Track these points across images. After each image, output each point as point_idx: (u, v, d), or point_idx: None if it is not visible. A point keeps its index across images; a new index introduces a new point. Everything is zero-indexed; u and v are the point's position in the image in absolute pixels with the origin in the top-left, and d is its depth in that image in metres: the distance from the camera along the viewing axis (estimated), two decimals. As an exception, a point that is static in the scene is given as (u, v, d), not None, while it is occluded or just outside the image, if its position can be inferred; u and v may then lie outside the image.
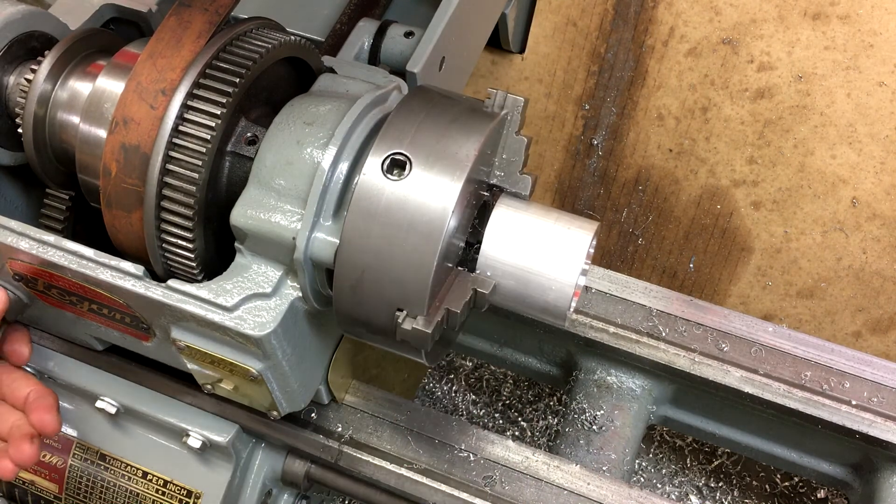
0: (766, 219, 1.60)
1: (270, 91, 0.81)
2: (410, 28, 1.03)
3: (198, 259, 0.77)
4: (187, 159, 0.73)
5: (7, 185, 0.92)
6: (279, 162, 0.73)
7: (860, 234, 1.55)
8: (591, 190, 1.72)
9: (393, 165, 0.68)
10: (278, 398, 0.81)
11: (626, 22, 1.53)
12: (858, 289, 1.60)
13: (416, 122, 0.70)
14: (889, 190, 1.49)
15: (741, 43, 1.47)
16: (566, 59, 1.61)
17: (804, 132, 1.50)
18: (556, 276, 0.70)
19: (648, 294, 1.09)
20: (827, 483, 1.21)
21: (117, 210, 0.76)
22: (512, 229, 0.72)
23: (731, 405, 1.07)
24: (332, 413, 0.99)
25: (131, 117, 0.74)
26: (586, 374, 1.11)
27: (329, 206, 0.72)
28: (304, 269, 0.73)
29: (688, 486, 1.58)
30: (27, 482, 1.01)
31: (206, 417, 0.94)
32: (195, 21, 0.76)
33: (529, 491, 0.95)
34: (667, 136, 1.60)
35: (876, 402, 1.02)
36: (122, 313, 0.81)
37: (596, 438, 1.09)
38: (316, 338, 0.83)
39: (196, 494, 0.96)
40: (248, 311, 0.73)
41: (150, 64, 0.75)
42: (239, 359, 0.76)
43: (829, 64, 1.43)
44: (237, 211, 0.73)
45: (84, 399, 0.99)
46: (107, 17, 0.93)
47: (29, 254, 0.78)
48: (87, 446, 0.99)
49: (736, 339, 1.06)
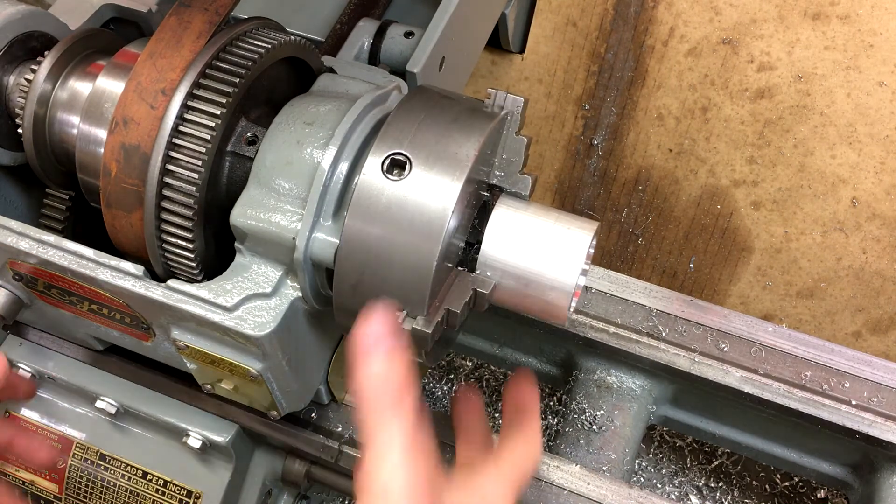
0: (766, 219, 1.60)
1: (270, 91, 0.81)
2: (410, 28, 1.03)
3: (198, 259, 0.77)
4: (187, 159, 0.73)
5: (7, 185, 0.92)
6: (279, 162, 0.73)
7: (860, 234, 1.55)
8: (591, 190, 1.72)
9: (393, 165, 0.68)
10: (278, 398, 0.81)
11: (626, 22, 1.53)
12: (858, 289, 1.60)
13: (416, 122, 0.70)
14: (889, 190, 1.49)
15: (741, 43, 1.47)
16: (566, 59, 1.61)
17: (804, 132, 1.50)
18: (556, 276, 0.70)
19: (648, 294, 1.09)
20: (827, 483, 1.21)
21: (117, 210, 0.76)
22: (512, 229, 0.72)
23: (731, 405, 1.07)
24: (332, 413, 0.99)
25: (131, 117, 0.74)
26: (586, 374, 1.11)
27: (329, 206, 0.72)
28: (304, 269, 0.73)
29: (688, 486, 1.58)
30: (27, 482, 1.01)
31: (206, 417, 0.94)
32: (195, 21, 0.76)
33: (529, 491, 0.95)
34: (667, 136, 1.60)
35: (876, 402, 1.02)
36: (122, 313, 0.81)
37: (596, 438, 1.09)
38: (316, 338, 0.83)
39: (196, 494, 0.96)
40: (248, 311, 0.73)
41: (150, 64, 0.75)
42: (239, 359, 0.76)
43: (829, 64, 1.43)
44: (237, 211, 0.73)
45: (84, 399, 0.99)
46: (107, 17, 0.93)
47: (29, 254, 0.78)
48: (87, 446, 0.99)
49: (736, 339, 1.06)
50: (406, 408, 0.58)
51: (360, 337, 0.58)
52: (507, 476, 0.70)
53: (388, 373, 0.57)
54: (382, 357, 0.57)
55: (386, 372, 0.57)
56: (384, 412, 0.57)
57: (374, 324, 0.58)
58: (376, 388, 0.57)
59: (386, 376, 0.57)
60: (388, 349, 0.57)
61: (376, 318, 0.58)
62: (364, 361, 0.58)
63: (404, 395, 0.57)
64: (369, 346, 0.57)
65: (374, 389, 0.57)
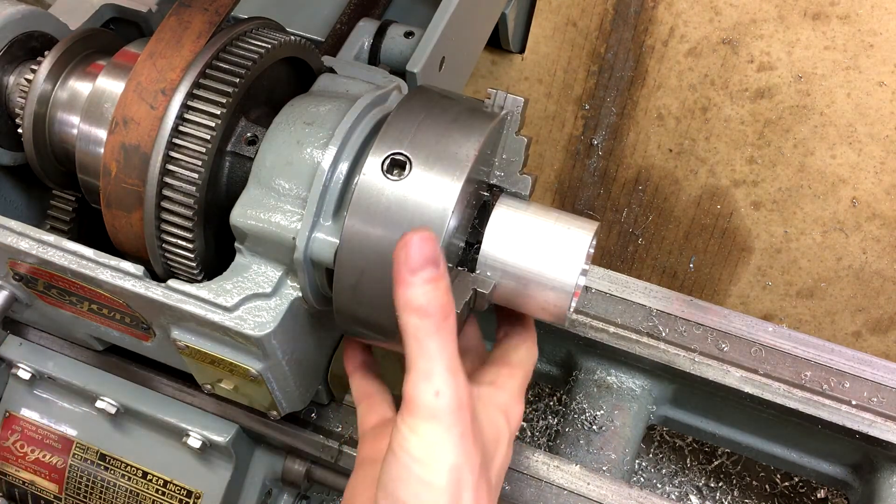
0: (766, 219, 1.60)
1: (270, 91, 0.81)
2: (410, 28, 1.03)
3: (198, 259, 0.77)
4: (187, 159, 0.73)
5: (7, 185, 0.92)
6: (279, 162, 0.73)
7: (860, 234, 1.55)
8: (591, 190, 1.72)
9: (393, 165, 0.68)
10: (278, 398, 0.81)
11: (626, 22, 1.53)
12: (858, 289, 1.60)
13: (416, 122, 0.70)
14: (889, 190, 1.49)
15: (741, 43, 1.47)
16: (566, 59, 1.61)
17: (804, 132, 1.50)
18: (556, 276, 0.70)
19: (648, 294, 1.09)
20: (827, 483, 1.21)
21: (117, 210, 0.76)
22: (512, 229, 0.72)
23: (731, 405, 1.07)
24: (332, 413, 0.99)
25: (131, 117, 0.74)
26: (586, 374, 1.11)
27: (329, 207, 0.72)
28: (304, 269, 0.73)
29: (688, 486, 1.58)
30: (27, 482, 1.01)
31: (206, 417, 0.94)
32: (195, 21, 0.76)
33: (529, 491, 0.95)
34: (667, 136, 1.60)
35: (876, 402, 1.02)
36: (122, 313, 0.81)
37: (596, 438, 1.09)
38: (316, 338, 0.83)
39: (196, 494, 0.96)
40: (248, 311, 0.73)
41: (150, 64, 0.75)
42: (239, 359, 0.76)
43: (829, 64, 1.43)
44: (237, 211, 0.73)
45: (84, 399, 0.99)
46: (107, 17, 0.93)
47: (29, 254, 0.78)
48: (87, 446, 0.99)
49: (736, 339, 1.06)
50: (448, 330, 0.59)
51: (402, 261, 0.59)
52: (521, 382, 0.74)
53: (431, 297, 0.59)
54: (425, 281, 0.59)
55: (429, 296, 0.59)
56: (429, 333, 0.59)
57: (415, 248, 0.59)
58: (421, 310, 0.59)
59: (429, 300, 0.59)
60: (430, 275, 0.59)
61: (417, 242, 0.59)
62: (407, 286, 0.59)
63: (447, 317, 0.59)
64: (412, 271, 0.59)
65: (419, 311, 0.59)
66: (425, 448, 0.59)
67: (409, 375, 0.60)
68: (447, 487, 0.59)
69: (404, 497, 0.59)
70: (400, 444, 0.60)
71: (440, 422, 0.59)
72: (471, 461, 0.60)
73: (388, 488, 0.60)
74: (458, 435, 0.59)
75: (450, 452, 0.59)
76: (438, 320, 0.59)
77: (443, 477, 0.58)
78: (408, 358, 0.60)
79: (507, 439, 0.70)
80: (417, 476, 0.59)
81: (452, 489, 0.59)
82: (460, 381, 0.60)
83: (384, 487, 0.60)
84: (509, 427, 0.71)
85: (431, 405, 0.59)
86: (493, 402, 0.71)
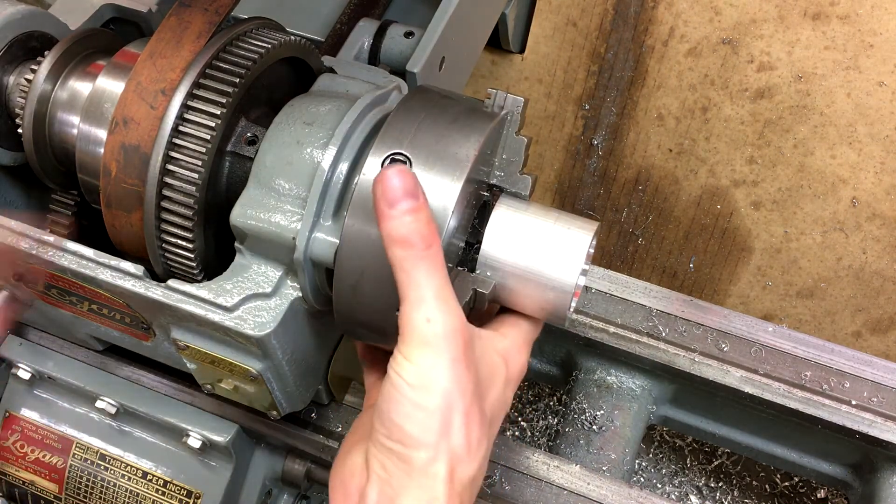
0: (766, 219, 1.60)
1: (270, 91, 0.81)
2: (410, 28, 1.03)
3: (198, 259, 0.77)
4: (187, 159, 0.73)
5: (7, 185, 0.92)
6: (279, 162, 0.73)
7: (860, 234, 1.55)
8: (591, 190, 1.72)
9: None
10: (278, 398, 0.81)
11: (626, 22, 1.53)
12: (858, 289, 1.60)
13: (415, 122, 0.70)
14: (889, 190, 1.49)
15: (741, 43, 1.47)
16: (566, 59, 1.61)
17: (804, 132, 1.50)
18: (556, 276, 0.70)
19: (648, 294, 1.09)
20: (827, 483, 1.21)
21: (117, 210, 0.76)
22: (512, 229, 0.72)
23: (731, 405, 1.07)
24: (332, 413, 0.99)
25: (131, 117, 0.74)
26: (586, 374, 1.11)
27: (329, 207, 0.72)
28: (304, 269, 0.73)
29: (688, 486, 1.58)
30: (27, 482, 1.01)
31: (206, 417, 0.94)
32: (195, 21, 0.76)
33: (529, 491, 0.95)
34: (667, 136, 1.60)
35: (876, 402, 1.02)
36: (122, 313, 0.81)
37: (596, 438, 1.09)
38: (316, 338, 0.83)
39: (196, 494, 0.96)
40: (248, 311, 0.73)
41: (150, 64, 0.75)
42: (239, 359, 0.76)
43: (829, 64, 1.43)
44: (237, 211, 0.73)
45: (84, 399, 0.99)
46: (107, 17, 0.93)
47: (28, 254, 0.78)
48: (87, 446, 0.99)
49: (736, 339, 1.06)
50: (434, 256, 0.61)
51: (380, 195, 0.61)
52: (524, 334, 0.75)
53: (412, 228, 0.60)
54: (404, 213, 0.60)
55: (410, 227, 0.60)
56: (415, 262, 0.61)
57: (392, 181, 0.60)
58: (404, 241, 0.60)
59: (409, 231, 0.60)
60: (409, 206, 0.60)
61: (394, 175, 0.61)
62: (387, 219, 0.61)
63: (430, 246, 0.61)
64: (390, 203, 0.60)
65: (402, 242, 0.60)
66: (418, 373, 0.61)
67: (402, 306, 0.62)
68: (438, 410, 0.61)
69: (398, 419, 0.61)
70: (395, 370, 0.62)
71: (432, 347, 0.61)
72: (462, 386, 0.62)
73: (384, 412, 0.62)
74: (449, 360, 0.61)
75: (442, 377, 0.61)
76: (422, 249, 0.60)
77: (435, 400, 0.61)
78: (399, 290, 0.62)
79: (504, 379, 0.71)
80: (411, 399, 0.61)
81: (444, 412, 0.61)
82: (451, 308, 0.62)
83: (380, 412, 0.62)
84: (507, 370, 0.71)
85: (423, 332, 0.61)
86: (492, 345, 0.71)
